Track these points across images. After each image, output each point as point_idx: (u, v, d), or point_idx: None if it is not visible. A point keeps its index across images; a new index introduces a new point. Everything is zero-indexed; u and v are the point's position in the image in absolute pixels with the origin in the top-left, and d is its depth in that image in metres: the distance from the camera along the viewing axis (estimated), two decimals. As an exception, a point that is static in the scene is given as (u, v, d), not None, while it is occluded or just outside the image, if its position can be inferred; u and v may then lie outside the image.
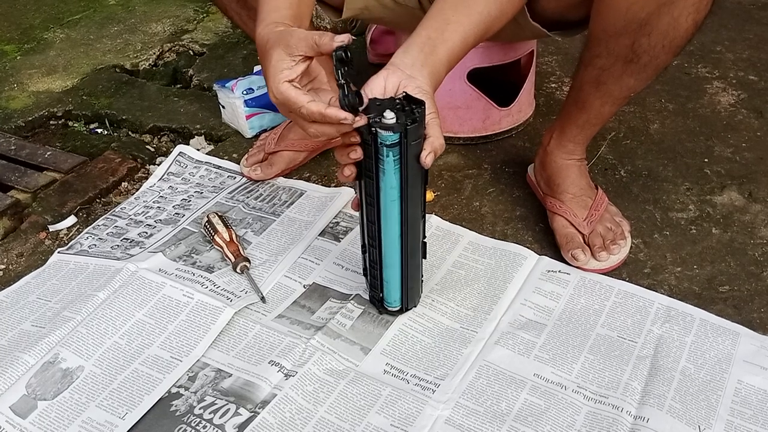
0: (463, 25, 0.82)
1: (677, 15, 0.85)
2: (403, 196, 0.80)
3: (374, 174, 0.79)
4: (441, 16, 0.83)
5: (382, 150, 0.76)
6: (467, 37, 0.83)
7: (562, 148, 1.07)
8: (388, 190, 0.79)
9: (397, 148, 0.75)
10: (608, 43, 0.91)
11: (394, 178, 0.78)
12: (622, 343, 0.92)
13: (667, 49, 0.89)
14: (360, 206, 0.86)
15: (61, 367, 0.87)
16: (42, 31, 1.82)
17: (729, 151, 1.30)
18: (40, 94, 1.55)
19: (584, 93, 0.99)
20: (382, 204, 0.81)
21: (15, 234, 1.15)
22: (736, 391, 0.86)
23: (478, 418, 0.82)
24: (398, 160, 0.77)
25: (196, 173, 1.27)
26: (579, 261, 1.02)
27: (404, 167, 0.77)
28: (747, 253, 1.07)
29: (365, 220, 0.86)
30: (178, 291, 0.97)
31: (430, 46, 0.81)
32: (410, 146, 0.76)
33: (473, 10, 0.83)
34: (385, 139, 0.75)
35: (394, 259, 0.87)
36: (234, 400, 0.84)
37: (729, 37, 1.67)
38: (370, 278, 0.93)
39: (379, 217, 0.83)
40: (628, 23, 0.87)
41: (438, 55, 0.81)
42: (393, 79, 0.78)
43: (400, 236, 0.84)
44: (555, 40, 1.64)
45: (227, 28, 1.81)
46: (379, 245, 0.86)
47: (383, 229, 0.84)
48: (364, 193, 0.82)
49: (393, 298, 0.92)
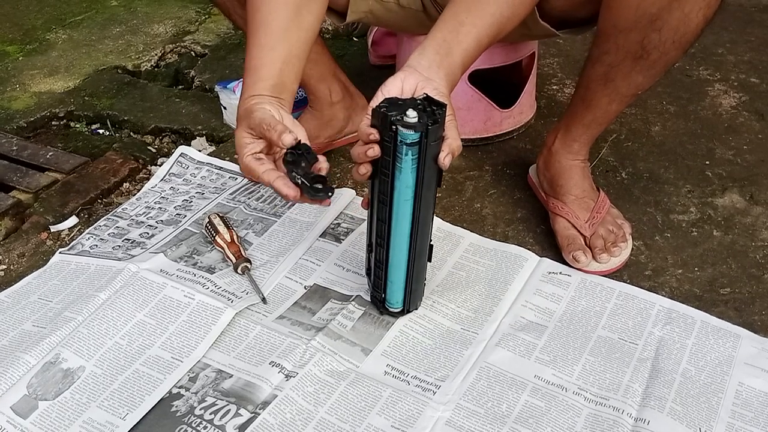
0: (476, 26, 0.84)
1: (688, 11, 0.85)
2: (417, 197, 0.80)
3: (390, 172, 0.79)
4: (455, 19, 0.84)
5: (402, 148, 0.76)
6: (481, 38, 0.84)
7: (567, 148, 1.07)
8: (403, 189, 0.80)
9: (416, 147, 0.76)
10: (618, 39, 0.90)
11: (411, 178, 0.79)
12: (623, 345, 0.92)
13: (677, 45, 0.89)
14: (371, 204, 0.86)
15: (62, 368, 0.87)
16: (44, 31, 1.82)
17: (730, 154, 1.30)
18: (42, 95, 1.55)
19: (591, 91, 0.99)
20: (395, 203, 0.81)
21: (16, 234, 1.16)
22: (737, 394, 0.86)
23: (478, 420, 0.82)
24: (416, 160, 0.77)
25: (198, 174, 1.27)
26: (580, 263, 1.02)
27: (421, 167, 0.78)
28: (748, 256, 1.07)
29: (375, 219, 0.86)
30: (179, 292, 0.97)
31: (445, 48, 0.82)
32: (429, 146, 0.76)
33: (486, 12, 0.84)
34: (405, 138, 0.75)
35: (401, 260, 0.87)
36: (235, 400, 0.84)
37: (730, 40, 1.67)
38: (373, 278, 0.93)
39: (391, 216, 0.83)
40: (638, 18, 0.87)
41: (453, 57, 0.82)
42: (410, 81, 0.80)
43: (409, 236, 0.84)
44: (557, 42, 1.65)
45: (229, 30, 1.81)
46: (387, 245, 0.86)
47: (393, 228, 0.84)
48: (378, 191, 0.83)
49: (396, 299, 0.92)
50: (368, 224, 0.90)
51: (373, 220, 0.87)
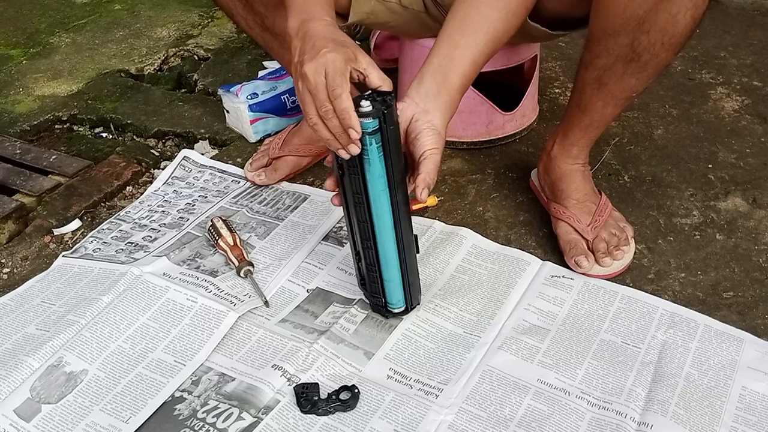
0: (470, 47, 0.86)
1: (675, 12, 0.85)
2: (390, 184, 0.82)
3: (359, 168, 0.81)
4: (449, 41, 0.86)
5: (365, 139, 0.78)
6: (477, 58, 0.86)
7: (565, 152, 1.07)
8: (377, 180, 0.81)
9: (378, 135, 0.78)
10: (608, 43, 0.91)
11: (380, 167, 0.81)
12: (626, 349, 0.92)
13: (667, 46, 0.89)
14: (346, 213, 0.88)
15: (65, 371, 0.88)
16: (48, 35, 1.83)
17: (733, 157, 1.30)
18: (45, 99, 1.55)
19: (586, 95, 0.99)
20: (371, 197, 0.83)
21: (20, 237, 1.16)
22: (741, 398, 0.85)
23: (481, 424, 0.82)
24: (381, 147, 0.79)
25: (201, 177, 1.27)
26: (582, 268, 1.02)
27: (388, 154, 0.80)
28: (751, 259, 1.07)
29: (356, 223, 0.87)
30: (181, 295, 0.97)
31: (441, 75, 0.85)
32: (390, 131, 0.79)
33: (480, 31, 0.86)
34: (366, 127, 0.77)
35: (392, 255, 0.88)
36: (237, 404, 0.84)
37: (733, 43, 1.66)
38: (369, 285, 0.93)
39: (371, 213, 0.84)
40: (626, 21, 0.87)
41: (451, 83, 0.85)
42: (407, 113, 0.83)
43: (393, 228, 0.85)
44: (559, 45, 1.65)
45: (232, 33, 1.82)
46: (374, 244, 0.87)
47: (376, 224, 0.85)
48: (352, 192, 0.84)
49: (396, 298, 0.92)
50: (350, 235, 0.91)
51: (354, 227, 0.88)
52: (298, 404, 0.83)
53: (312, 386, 0.85)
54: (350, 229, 0.90)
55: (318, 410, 0.83)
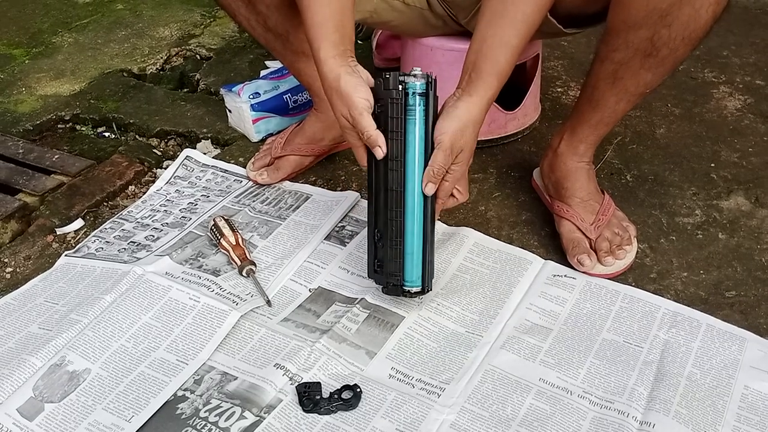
0: (503, 36, 0.87)
1: (698, 6, 0.85)
2: (427, 149, 0.86)
3: (402, 131, 0.85)
4: (478, 32, 0.88)
5: (414, 99, 0.84)
6: (513, 51, 0.88)
7: (572, 149, 1.06)
8: (419, 143, 0.86)
9: (424, 98, 0.85)
10: (627, 36, 0.90)
11: (422, 128, 0.86)
12: (628, 348, 0.92)
13: (687, 41, 0.89)
14: (375, 188, 0.90)
15: (68, 370, 0.88)
16: (50, 35, 1.83)
17: (735, 156, 1.29)
18: (48, 98, 1.55)
19: (599, 90, 0.98)
20: (408, 161, 0.87)
21: (23, 237, 1.16)
22: (743, 397, 0.85)
23: (483, 423, 0.82)
24: (425, 111, 0.85)
25: (203, 177, 1.27)
26: (585, 266, 1.01)
27: (429, 117, 0.86)
28: (754, 258, 1.07)
29: (385, 194, 0.89)
30: (184, 294, 0.98)
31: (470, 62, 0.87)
32: (434, 97, 0.86)
33: (516, 19, 0.87)
34: (416, 88, 0.84)
35: (418, 226, 0.89)
36: (239, 403, 0.84)
37: (735, 42, 1.66)
38: (386, 264, 0.91)
39: (405, 178, 0.87)
40: (649, 14, 0.87)
41: (489, 83, 0.87)
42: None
43: (423, 196, 0.88)
44: (561, 44, 1.65)
45: (234, 33, 1.82)
46: (403, 212, 0.89)
47: (408, 189, 0.88)
48: (387, 160, 0.87)
49: (416, 275, 0.91)
50: (372, 214, 0.92)
51: (380, 202, 0.90)
52: (300, 403, 0.84)
53: (314, 385, 0.85)
54: (373, 208, 0.92)
55: (320, 409, 0.83)
